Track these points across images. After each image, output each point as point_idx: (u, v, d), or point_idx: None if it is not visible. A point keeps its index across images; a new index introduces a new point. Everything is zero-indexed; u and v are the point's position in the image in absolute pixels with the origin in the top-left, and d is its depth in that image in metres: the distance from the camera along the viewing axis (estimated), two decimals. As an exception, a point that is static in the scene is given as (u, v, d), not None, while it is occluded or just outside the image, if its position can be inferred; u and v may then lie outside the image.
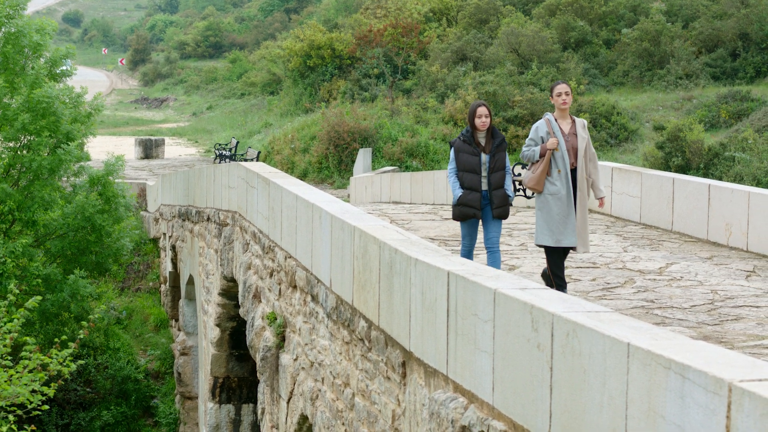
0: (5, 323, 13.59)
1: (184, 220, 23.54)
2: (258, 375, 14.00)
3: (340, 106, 42.42)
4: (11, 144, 22.85)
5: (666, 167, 30.45)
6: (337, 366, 10.01)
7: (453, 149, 10.96)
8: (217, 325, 18.79)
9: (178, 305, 26.39)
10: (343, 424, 9.73)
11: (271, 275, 13.61)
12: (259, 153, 38.90)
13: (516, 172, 18.46)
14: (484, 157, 10.83)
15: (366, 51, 48.22)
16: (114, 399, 24.65)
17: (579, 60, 46.40)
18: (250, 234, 15.27)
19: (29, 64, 23.33)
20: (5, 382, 12.72)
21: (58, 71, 23.91)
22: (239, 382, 19.57)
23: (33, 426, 14.08)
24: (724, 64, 44.75)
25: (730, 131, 35.18)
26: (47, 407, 13.42)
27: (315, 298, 11.03)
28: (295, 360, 12.08)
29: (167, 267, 27.25)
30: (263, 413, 13.95)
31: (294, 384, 12.09)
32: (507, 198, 10.90)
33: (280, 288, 13.09)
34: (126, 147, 45.28)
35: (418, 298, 7.56)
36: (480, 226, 11.12)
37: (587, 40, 48.39)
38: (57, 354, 13.44)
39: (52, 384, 13.24)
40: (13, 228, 22.94)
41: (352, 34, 51.92)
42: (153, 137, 48.85)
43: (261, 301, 14.45)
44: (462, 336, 6.72)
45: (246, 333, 14.81)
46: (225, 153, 40.83)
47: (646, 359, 4.63)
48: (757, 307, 10.06)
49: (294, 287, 12.21)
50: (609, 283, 11.47)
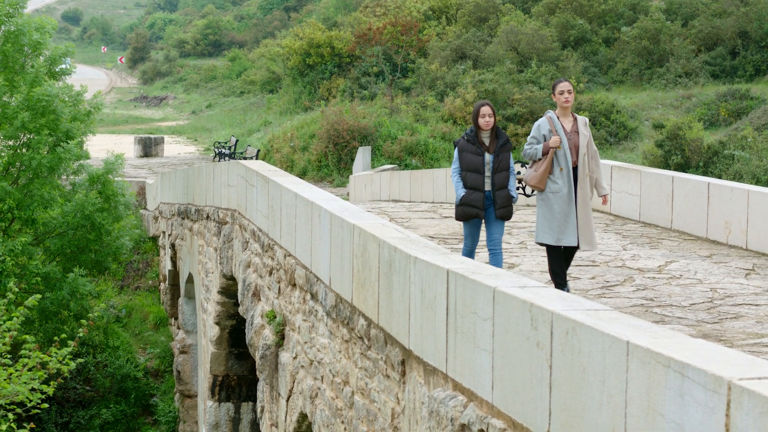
0: (5, 321, 13.58)
1: (183, 218, 23.53)
2: (257, 373, 14.00)
3: (339, 104, 42.40)
4: (11, 142, 22.85)
5: (665, 165, 30.45)
6: (337, 364, 10.01)
7: (457, 148, 10.83)
8: (217, 324, 18.79)
9: (177, 303, 26.38)
10: (343, 422, 9.73)
11: (271, 273, 13.61)
12: (259, 151, 38.88)
13: (516, 170, 18.42)
14: (487, 157, 10.69)
15: (365, 49, 48.20)
16: (113, 397, 24.66)
17: (578, 58, 46.39)
18: (249, 232, 15.26)
19: (29, 62, 23.32)
20: (5, 380, 12.72)
21: (57, 69, 23.90)
22: (239, 380, 19.57)
23: (32, 424, 14.06)
24: (723, 62, 44.75)
25: (729, 129, 35.18)
26: (47, 405, 13.41)
27: (314, 296, 11.03)
28: (295, 358, 12.08)
29: (167, 265, 27.25)
30: (263, 411, 13.95)
31: (293, 382, 12.09)
32: (510, 198, 10.75)
33: (279, 286, 13.08)
34: (125, 145, 45.25)
35: (417, 296, 7.56)
36: (482, 226, 11.03)
37: (587, 38, 48.37)
38: (56, 352, 13.43)
39: (51, 382, 13.23)
40: (13, 226, 22.93)
41: (351, 32, 51.88)
42: (152, 135, 48.82)
43: (260, 300, 14.44)
44: (461, 334, 6.72)
45: (245, 331, 14.81)
46: (224, 151, 40.80)
47: (645, 357, 4.63)
48: (757, 306, 10.06)
49: (293, 285, 12.21)
50: (608, 282, 11.47)
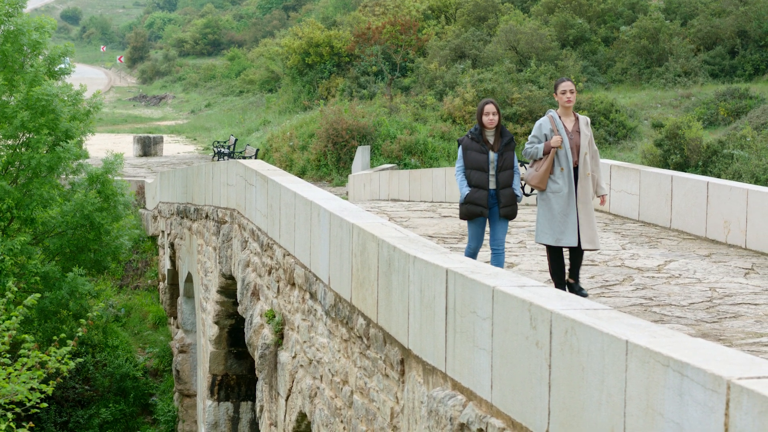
0: (4, 321, 13.57)
1: (182, 217, 23.52)
2: (256, 372, 14.00)
3: (338, 103, 42.38)
4: (10, 141, 22.84)
5: (664, 165, 30.45)
6: (336, 363, 10.01)
7: (461, 147, 10.73)
8: (216, 323, 18.79)
9: (176, 303, 26.38)
10: (342, 421, 9.73)
11: (270, 273, 13.61)
12: (258, 150, 38.86)
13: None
14: (492, 156, 10.58)
15: (364, 48, 48.18)
16: (112, 397, 24.66)
17: (577, 57, 46.39)
18: (248, 231, 15.26)
19: (28, 61, 23.30)
20: (4, 379, 12.71)
21: (56, 69, 23.89)
22: (238, 379, 19.57)
23: (31, 423, 14.04)
24: (722, 61, 44.75)
25: (728, 129, 35.18)
26: (46, 405, 13.41)
27: (313, 295, 11.02)
28: (294, 357, 12.08)
29: (166, 264, 27.24)
30: (262, 411, 13.95)
31: (292, 381, 12.09)
32: (515, 197, 10.66)
33: (278, 285, 13.08)
34: (124, 145, 45.24)
35: (416, 295, 7.55)
36: (486, 227, 10.96)
37: (586, 37, 48.38)
38: (55, 352, 13.42)
39: (50, 382, 13.22)
40: (12, 226, 22.92)
41: (350, 31, 51.87)
42: (151, 135, 48.80)
43: (259, 299, 14.44)
44: (460, 333, 6.72)
45: (244, 330, 14.81)
46: (223, 150, 40.79)
47: (644, 357, 4.63)
48: (756, 305, 10.06)
49: (292, 285, 12.21)
50: (607, 281, 11.46)
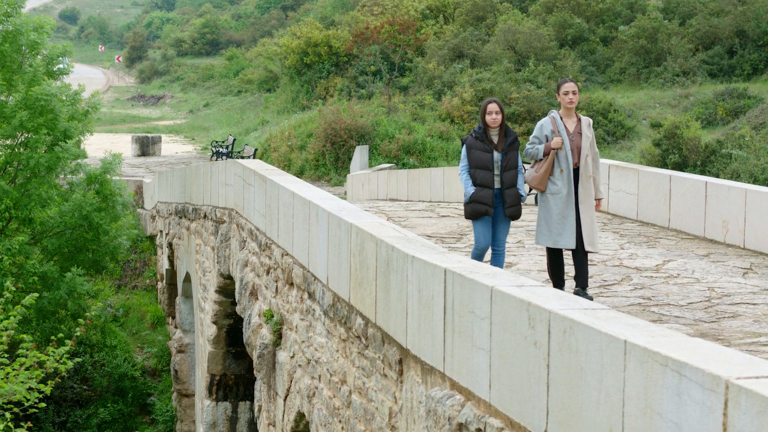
0: (2, 320, 13.57)
1: (180, 217, 23.51)
2: (255, 372, 14.00)
3: (336, 103, 42.38)
4: (9, 141, 22.82)
5: (663, 164, 30.47)
6: (334, 363, 10.00)
7: (465, 146, 10.60)
8: (214, 323, 18.78)
9: (174, 303, 26.37)
10: (340, 421, 9.72)
11: (268, 272, 13.61)
12: (256, 150, 38.85)
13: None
14: (496, 155, 10.46)
15: (363, 48, 48.19)
16: (111, 396, 24.64)
17: (576, 57, 46.41)
18: (246, 231, 15.25)
19: (27, 61, 23.28)
20: (2, 379, 12.70)
21: (55, 69, 23.87)
22: (236, 379, 19.56)
23: (29, 423, 14.03)
24: (721, 61, 44.77)
25: (727, 128, 35.20)
26: (44, 405, 13.41)
27: (312, 295, 11.02)
28: (292, 357, 12.07)
29: (164, 264, 27.23)
30: (260, 410, 13.95)
31: (291, 381, 12.09)
32: (519, 197, 10.54)
33: (276, 285, 13.08)
34: (123, 144, 45.23)
35: (415, 295, 7.55)
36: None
37: (584, 37, 48.40)
38: (54, 351, 13.42)
39: (48, 381, 13.22)
40: (10, 225, 22.91)
41: (348, 31, 51.88)
42: (150, 135, 48.77)
43: (258, 299, 14.43)
44: (459, 333, 6.72)
45: (243, 330, 14.80)
46: (222, 150, 40.78)
47: (642, 356, 4.62)
48: (754, 305, 10.06)
49: (291, 285, 12.20)
50: (606, 281, 11.46)
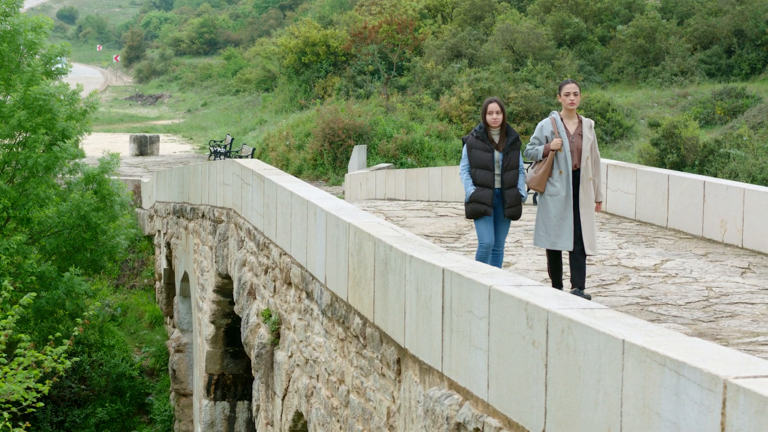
0: (0, 320, 13.57)
1: (178, 217, 23.51)
2: (253, 372, 13.99)
3: (335, 102, 42.38)
4: (7, 141, 22.80)
5: (661, 164, 30.47)
6: (332, 363, 10.00)
7: (465, 146, 10.53)
8: (212, 322, 18.77)
9: (172, 302, 26.36)
10: (338, 421, 9.72)
11: (266, 272, 13.60)
12: (254, 150, 38.84)
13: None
14: (497, 155, 10.39)
15: (361, 48, 48.20)
16: (109, 396, 24.64)
17: (574, 57, 46.41)
18: (244, 231, 15.25)
19: (25, 61, 23.26)
20: (0, 379, 12.70)
21: (53, 68, 23.85)
22: (234, 379, 19.56)
23: (27, 423, 14.04)
24: (719, 60, 44.78)
25: (725, 128, 35.20)
26: (42, 404, 13.41)
27: (310, 295, 11.01)
28: (290, 357, 12.07)
29: (162, 264, 27.22)
30: (258, 410, 13.94)
31: (289, 381, 12.09)
32: (520, 197, 10.48)
33: (275, 285, 13.07)
34: (121, 144, 45.22)
35: (413, 295, 7.55)
36: None
37: (582, 36, 48.40)
38: (52, 351, 13.41)
39: (46, 381, 13.22)
40: (8, 225, 22.89)
41: (346, 30, 51.89)
42: (148, 134, 48.75)
43: (256, 298, 14.43)
44: (457, 333, 6.71)
45: (241, 330, 14.80)
46: (220, 150, 40.77)
47: (641, 356, 4.62)
48: (752, 304, 10.06)
49: (289, 284, 12.20)
50: (604, 280, 11.46)
